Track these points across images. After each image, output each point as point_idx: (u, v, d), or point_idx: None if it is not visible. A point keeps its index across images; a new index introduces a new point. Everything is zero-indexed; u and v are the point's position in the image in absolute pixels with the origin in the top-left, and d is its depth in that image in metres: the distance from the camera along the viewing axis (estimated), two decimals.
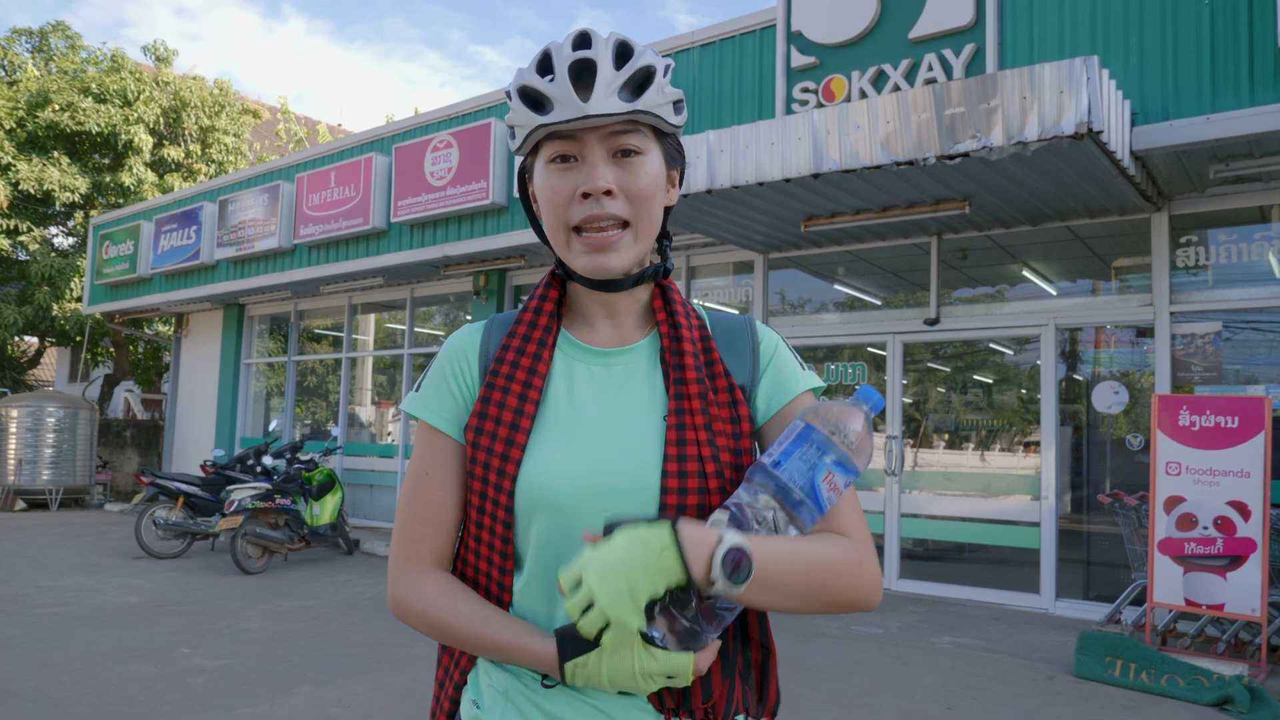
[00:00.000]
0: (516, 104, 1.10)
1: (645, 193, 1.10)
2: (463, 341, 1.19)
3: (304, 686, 4.83)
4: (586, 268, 1.11)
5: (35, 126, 17.46)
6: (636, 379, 1.16)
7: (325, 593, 7.54)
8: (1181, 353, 6.69)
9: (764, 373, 1.20)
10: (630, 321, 1.20)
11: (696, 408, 1.11)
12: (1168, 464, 5.59)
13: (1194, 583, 5.43)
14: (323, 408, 13.69)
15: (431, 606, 1.11)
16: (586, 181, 1.07)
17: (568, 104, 1.05)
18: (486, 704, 1.12)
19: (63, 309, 17.63)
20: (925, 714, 4.52)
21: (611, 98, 1.05)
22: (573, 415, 1.13)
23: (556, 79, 1.06)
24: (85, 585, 7.60)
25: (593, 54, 1.06)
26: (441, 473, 1.14)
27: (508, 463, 1.09)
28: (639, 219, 1.11)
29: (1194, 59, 6.01)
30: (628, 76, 1.06)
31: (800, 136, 6.07)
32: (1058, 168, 5.87)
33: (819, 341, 8.55)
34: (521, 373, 1.13)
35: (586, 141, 1.08)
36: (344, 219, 11.02)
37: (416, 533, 1.14)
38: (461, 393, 1.16)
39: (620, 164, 1.09)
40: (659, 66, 1.09)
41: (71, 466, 14.06)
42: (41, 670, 5.03)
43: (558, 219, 1.11)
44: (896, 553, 7.81)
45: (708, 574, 0.93)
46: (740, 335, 1.22)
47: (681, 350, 1.15)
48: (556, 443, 1.10)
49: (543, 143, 1.11)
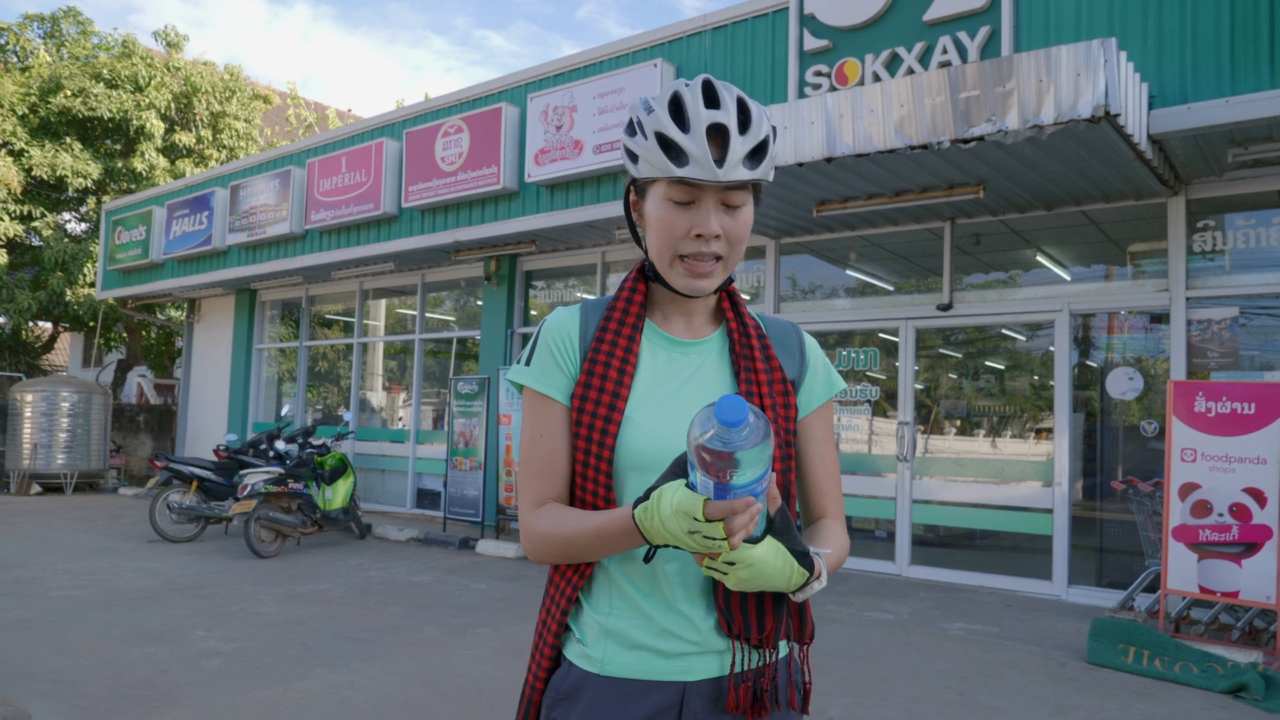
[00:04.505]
0: (653, 145, 1.26)
1: (742, 237, 1.33)
2: (565, 323, 1.40)
3: (318, 669, 4.86)
4: (685, 288, 1.34)
5: (48, 112, 17.50)
6: (708, 366, 1.39)
7: (338, 576, 7.58)
8: (1197, 338, 6.64)
9: (807, 372, 1.46)
10: (700, 319, 1.43)
11: (765, 391, 1.36)
12: (1183, 450, 5.55)
13: (1209, 570, 5.40)
14: (334, 393, 13.73)
15: (549, 526, 1.31)
16: (702, 226, 1.28)
17: (704, 165, 1.24)
18: (590, 639, 1.33)
19: (76, 294, 17.72)
20: (937, 700, 4.51)
21: (739, 166, 1.25)
22: (659, 392, 1.35)
23: (693, 136, 1.24)
24: (101, 569, 7.66)
25: (724, 119, 1.24)
26: (555, 432, 1.35)
27: (610, 424, 1.31)
28: (731, 255, 1.33)
29: (1213, 41, 5.93)
30: (752, 147, 1.26)
31: (813, 120, 6.03)
32: (1074, 151, 5.81)
33: (831, 327, 8.52)
34: (620, 351, 1.35)
35: (706, 191, 1.28)
36: (355, 204, 11.02)
37: (538, 485, 1.35)
38: (567, 365, 1.37)
39: (728, 213, 1.30)
40: (772, 137, 1.29)
41: (86, 451, 14.16)
42: (58, 653, 5.07)
43: (668, 247, 1.31)
44: (908, 538, 7.80)
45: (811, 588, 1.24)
46: (790, 337, 1.48)
47: (750, 346, 1.40)
48: (646, 414, 1.33)
49: (665, 179, 1.29)
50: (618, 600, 1.33)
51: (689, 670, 1.31)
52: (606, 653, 1.32)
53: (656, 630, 1.31)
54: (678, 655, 1.30)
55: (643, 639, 1.31)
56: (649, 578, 1.31)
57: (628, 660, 1.31)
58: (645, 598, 1.32)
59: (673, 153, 1.25)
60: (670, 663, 1.30)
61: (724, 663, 1.31)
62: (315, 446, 9.38)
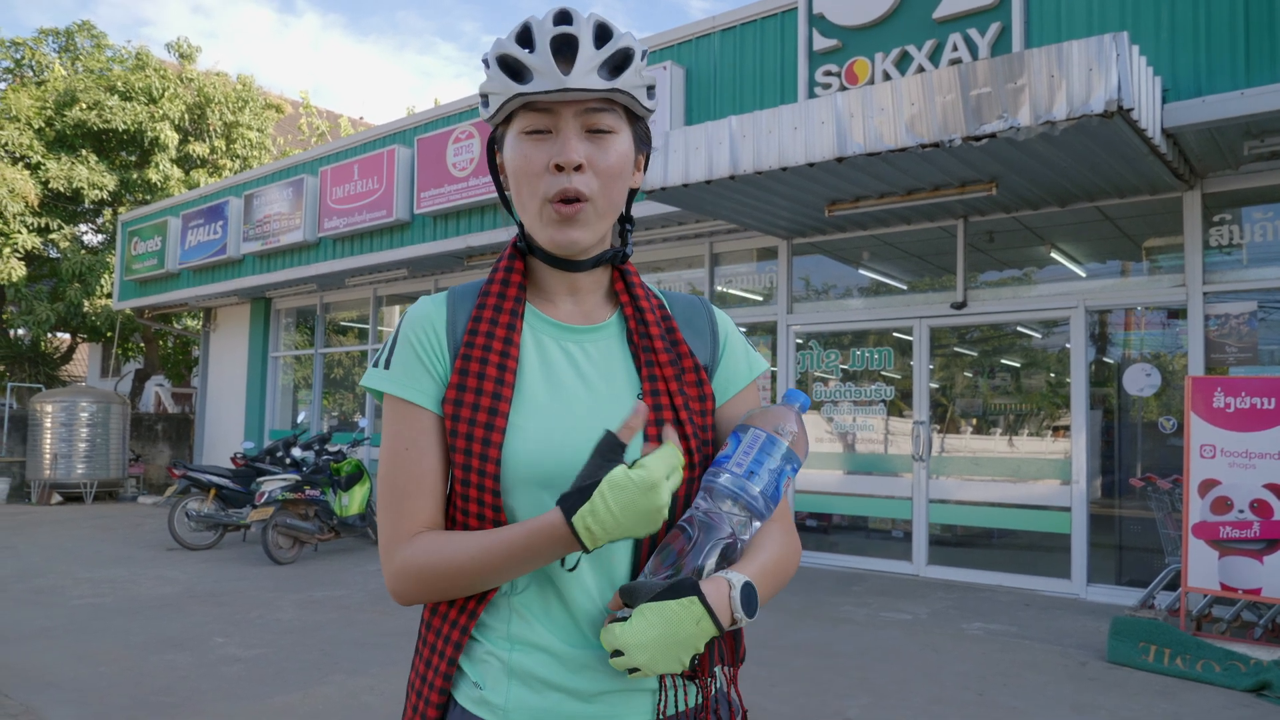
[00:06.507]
0: (494, 72, 1.10)
1: (614, 170, 1.11)
2: (428, 314, 1.17)
3: (336, 675, 4.88)
4: (552, 242, 1.13)
5: (63, 125, 17.66)
6: (608, 357, 1.18)
7: (355, 582, 7.61)
8: (1215, 333, 6.58)
9: (723, 353, 1.25)
10: (591, 300, 1.21)
11: (673, 388, 1.15)
12: (1202, 446, 5.50)
13: (1229, 567, 5.35)
14: (349, 399, 13.79)
15: (429, 554, 1.08)
16: (559, 154, 1.08)
17: (548, 76, 1.06)
18: (489, 684, 1.10)
19: (93, 305, 17.86)
20: (956, 700, 4.49)
21: (591, 74, 1.07)
22: (550, 390, 1.13)
23: (537, 51, 1.07)
24: (121, 577, 7.71)
25: (574, 30, 1.07)
26: (425, 446, 1.12)
27: (493, 433, 1.09)
28: (603, 196, 1.12)
29: (1227, 32, 5.88)
30: (607, 56, 1.08)
31: (824, 120, 6.01)
32: (1087, 147, 5.78)
33: (844, 327, 8.49)
34: (497, 343, 1.13)
35: (561, 115, 1.09)
36: (367, 211, 11.07)
37: (406, 507, 1.11)
38: (434, 367, 1.14)
39: (592, 140, 1.10)
40: (637, 50, 1.10)
41: (105, 460, 14.28)
42: (79, 661, 5.11)
43: (529, 190, 1.11)
44: (925, 538, 7.76)
45: (732, 620, 1.01)
46: (699, 315, 1.26)
47: (649, 332, 1.18)
48: (538, 417, 1.11)
49: (517, 113, 1.11)
50: (519, 630, 1.10)
51: (615, 714, 1.09)
52: (511, 698, 1.08)
53: (571, 665, 1.09)
54: (598, 696, 1.09)
55: (554, 678, 1.08)
56: (556, 600, 1.10)
57: (536, 705, 1.08)
58: (552, 626, 1.10)
59: (513, 72, 1.08)
60: (590, 707, 1.09)
61: (656, 702, 1.11)
62: (331, 453, 9.42)
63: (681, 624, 0.97)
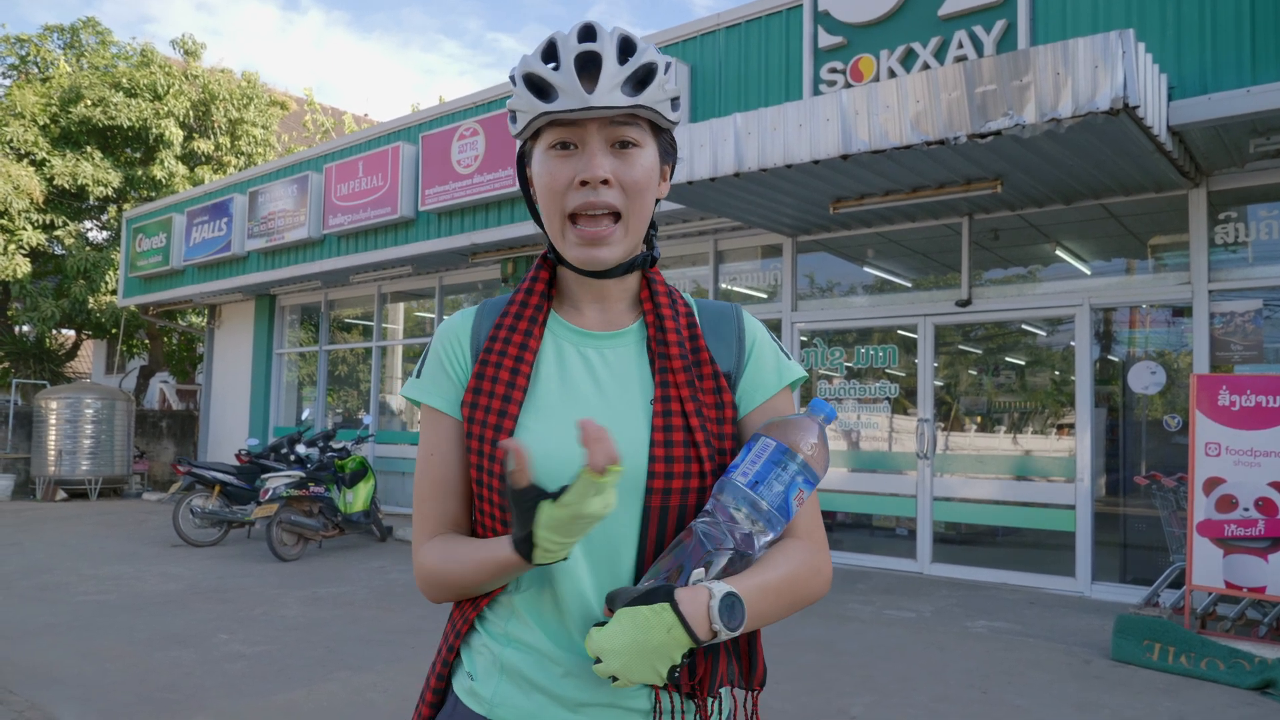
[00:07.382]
0: (521, 90, 1.12)
1: (640, 184, 1.13)
2: (455, 326, 1.24)
3: (341, 672, 4.89)
4: (579, 259, 1.14)
5: (68, 122, 17.69)
6: (625, 363, 1.19)
7: (360, 579, 7.62)
8: (1220, 331, 6.56)
9: (748, 361, 1.23)
10: (618, 307, 1.22)
11: (685, 394, 1.14)
12: (1207, 444, 5.49)
13: (1234, 565, 5.34)
14: (354, 396, 13.81)
15: (433, 560, 1.15)
16: (585, 170, 1.10)
17: (572, 94, 1.08)
18: (481, 675, 1.14)
19: (98, 302, 17.89)
20: (960, 699, 4.49)
21: (615, 91, 1.09)
22: (564, 394, 1.16)
23: (562, 69, 1.09)
24: (125, 573, 7.74)
25: (598, 47, 1.09)
26: (447, 450, 1.18)
27: (499, 434, 1.12)
28: (631, 210, 1.13)
29: (1233, 30, 5.86)
30: (631, 71, 1.10)
31: (828, 117, 6.00)
32: (1092, 145, 5.76)
33: (848, 325, 8.48)
34: (513, 348, 1.17)
35: (587, 130, 1.11)
36: (372, 208, 11.08)
37: (425, 511, 1.19)
38: (456, 374, 1.20)
39: (618, 155, 1.12)
40: (660, 64, 1.12)
41: (110, 457, 14.31)
42: (84, 658, 5.13)
43: (554, 205, 1.13)
44: (929, 536, 7.75)
45: (711, 632, 0.98)
46: (727, 322, 1.25)
47: (666, 339, 1.18)
48: (548, 420, 1.13)
49: (544, 129, 1.14)
50: (515, 628, 1.12)
51: None
52: (498, 692, 1.11)
53: (559, 671, 1.09)
54: (582, 707, 1.08)
55: (541, 680, 1.09)
56: (551, 602, 1.10)
57: (522, 704, 1.10)
58: (546, 628, 1.11)
59: (539, 90, 1.10)
60: (573, 716, 1.08)
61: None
62: (336, 450, 9.43)
63: (652, 630, 0.95)
